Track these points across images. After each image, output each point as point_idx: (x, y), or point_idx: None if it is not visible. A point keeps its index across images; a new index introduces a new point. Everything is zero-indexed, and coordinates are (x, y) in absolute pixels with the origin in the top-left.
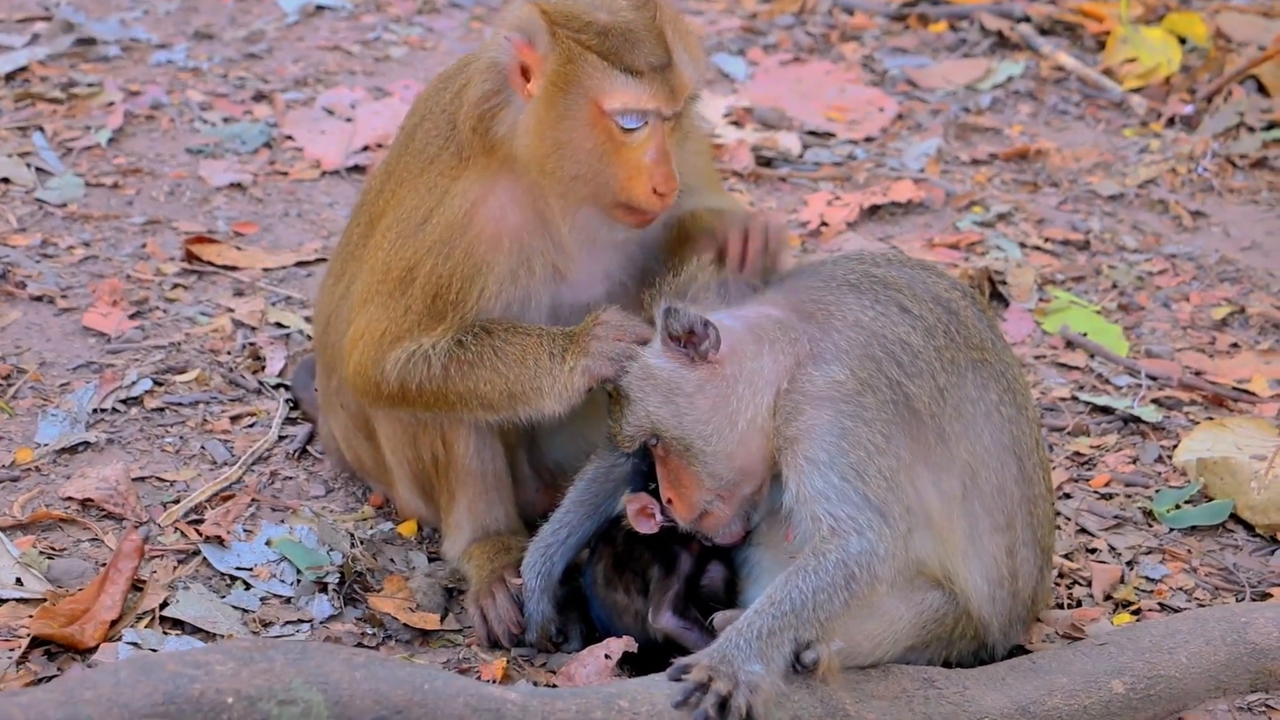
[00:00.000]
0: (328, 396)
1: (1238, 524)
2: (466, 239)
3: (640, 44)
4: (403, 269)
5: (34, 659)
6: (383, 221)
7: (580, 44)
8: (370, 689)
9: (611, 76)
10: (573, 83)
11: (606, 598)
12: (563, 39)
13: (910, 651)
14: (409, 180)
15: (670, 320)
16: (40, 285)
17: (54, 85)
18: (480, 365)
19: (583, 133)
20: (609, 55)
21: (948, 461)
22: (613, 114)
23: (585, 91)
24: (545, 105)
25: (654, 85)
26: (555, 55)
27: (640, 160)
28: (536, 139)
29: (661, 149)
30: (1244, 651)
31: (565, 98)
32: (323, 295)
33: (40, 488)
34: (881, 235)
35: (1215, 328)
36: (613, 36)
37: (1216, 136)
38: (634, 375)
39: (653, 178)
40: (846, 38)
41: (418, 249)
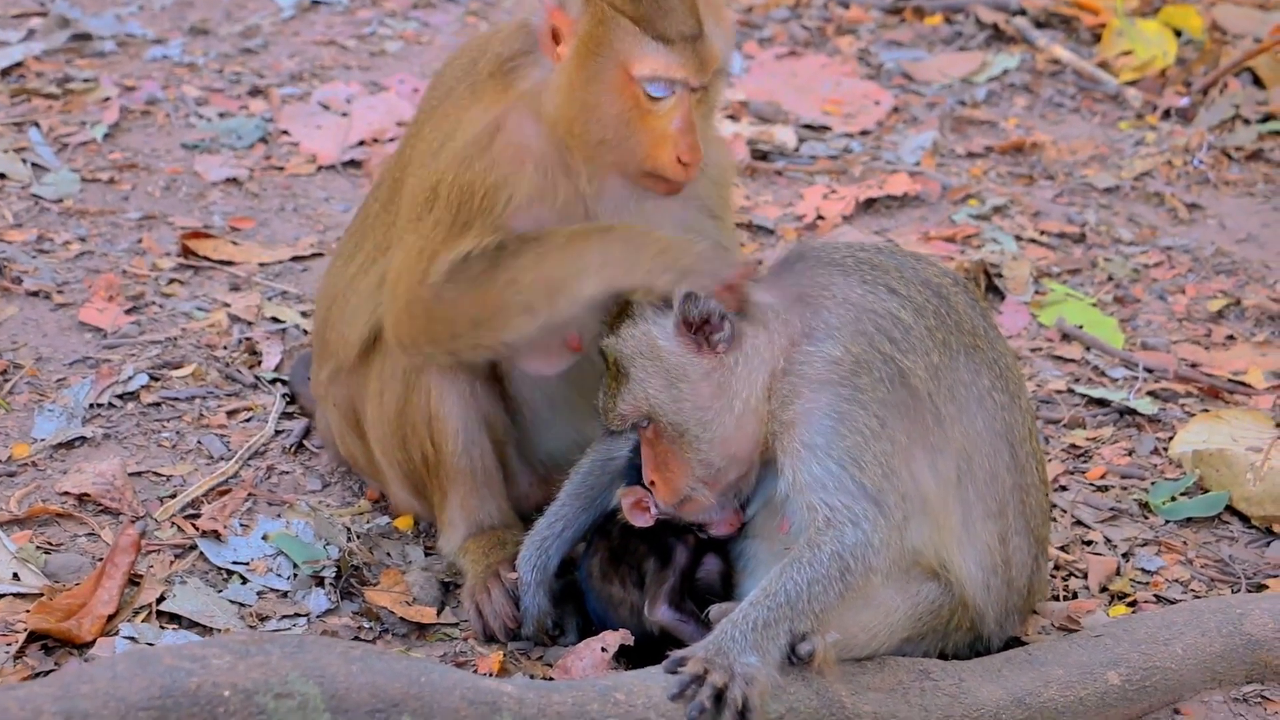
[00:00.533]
0: (320, 389)
1: (1233, 516)
2: (487, 155)
3: (672, 12)
4: (427, 190)
5: (31, 654)
6: (410, 168)
7: (613, 6)
8: (367, 682)
9: (642, 42)
10: (603, 46)
11: (602, 591)
12: (595, 2)
13: (906, 643)
14: (427, 119)
15: (688, 305)
16: (36, 280)
17: (49, 81)
18: (523, 253)
19: (610, 97)
20: (641, 20)
21: (944, 443)
22: (641, 80)
23: (615, 55)
24: (575, 67)
25: (684, 55)
26: (587, 17)
27: (666, 128)
28: (565, 99)
29: (687, 119)
30: (1239, 643)
31: (595, 60)
32: (329, 278)
33: (37, 483)
34: (877, 228)
35: (1211, 320)
36: (645, 2)
37: (1212, 129)
38: (639, 352)
39: (677, 146)
40: (842, 31)
41: (438, 168)
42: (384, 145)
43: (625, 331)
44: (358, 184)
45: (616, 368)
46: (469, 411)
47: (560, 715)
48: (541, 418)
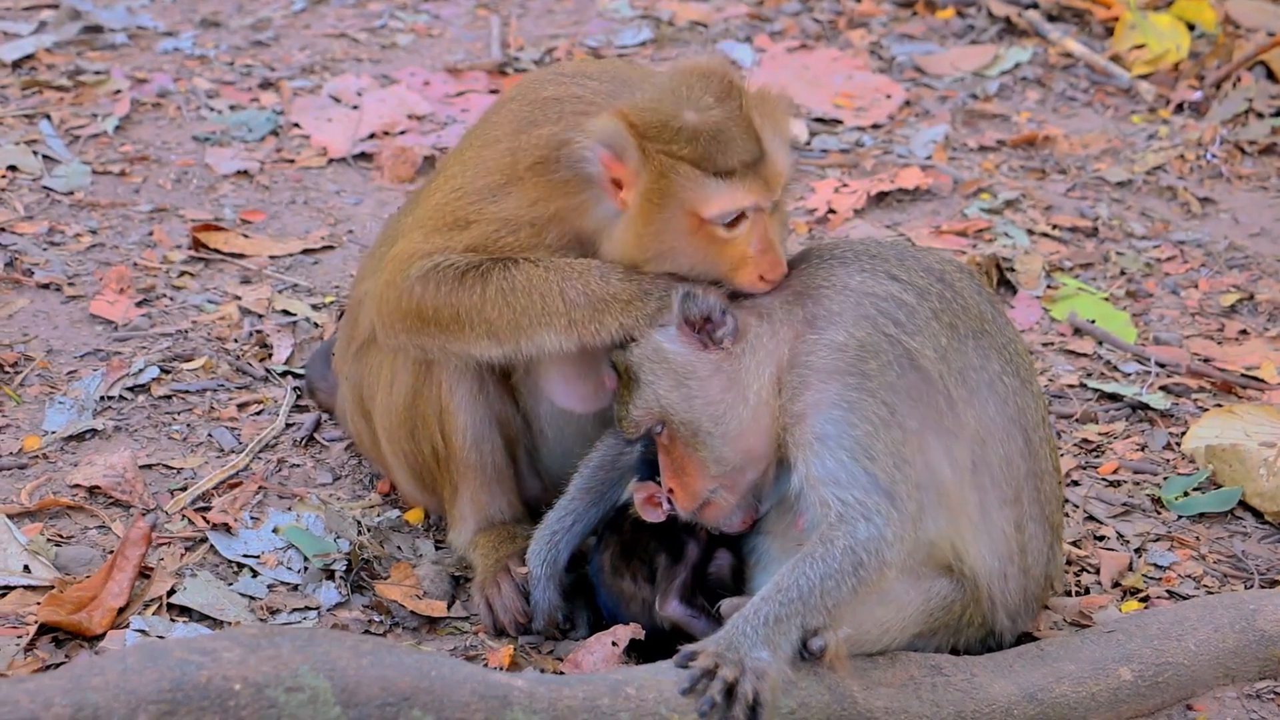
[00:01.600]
0: (341, 362)
1: (1246, 511)
2: (537, 232)
3: (731, 143)
4: (459, 217)
5: (41, 646)
6: (447, 172)
7: (671, 155)
8: (377, 676)
9: (706, 184)
10: (668, 196)
11: (613, 586)
12: (653, 154)
13: (918, 639)
14: (475, 147)
15: (688, 304)
16: (47, 273)
17: (61, 73)
18: (490, 281)
19: (683, 240)
20: (701, 162)
21: (958, 428)
22: (712, 220)
23: (681, 203)
24: (642, 220)
25: (749, 182)
26: (648, 171)
27: (745, 252)
28: (637, 250)
29: (765, 238)
30: (1253, 639)
31: (662, 211)
32: (371, 258)
33: (48, 475)
34: (889, 222)
35: (1224, 314)
36: (703, 141)
37: (1225, 123)
38: (646, 358)
39: (759, 267)
40: (853, 24)
41: (481, 211)
42: (394, 138)
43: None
44: (368, 176)
45: (627, 376)
46: (480, 407)
47: (571, 709)
48: (551, 424)
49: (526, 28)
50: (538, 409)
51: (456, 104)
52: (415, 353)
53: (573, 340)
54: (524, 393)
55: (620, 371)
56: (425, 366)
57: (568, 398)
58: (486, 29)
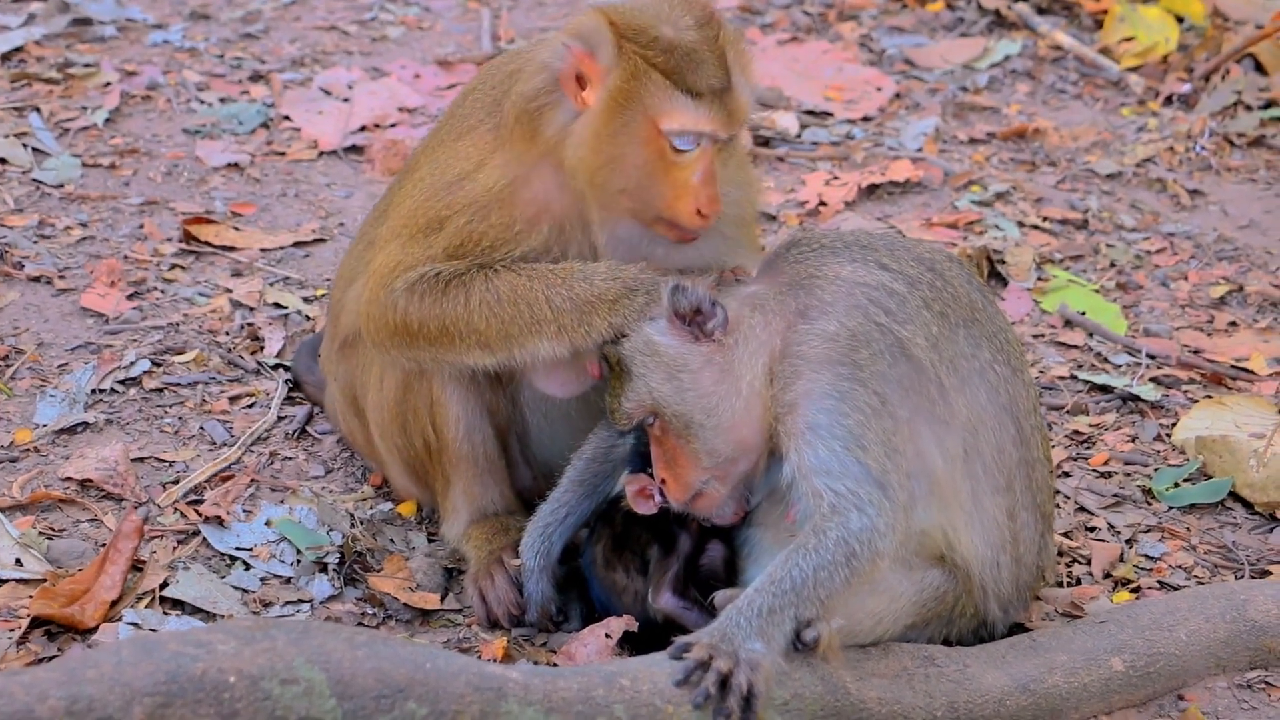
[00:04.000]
0: (327, 362)
1: (1236, 502)
2: (506, 210)
3: (703, 65)
4: (431, 217)
5: (34, 639)
6: (416, 174)
7: (645, 59)
8: (372, 668)
9: (672, 96)
10: (633, 99)
11: (606, 578)
12: (629, 53)
13: (911, 629)
14: (447, 143)
15: (677, 297)
16: (38, 266)
17: (50, 65)
18: (473, 292)
19: (636, 148)
20: (672, 74)
21: (949, 416)
22: (669, 134)
23: (645, 109)
24: (603, 119)
25: (712, 108)
26: (619, 69)
27: (688, 180)
28: (590, 151)
29: (709, 171)
30: (1243, 629)
31: (624, 113)
32: (349, 258)
33: (39, 468)
34: (880, 215)
35: (1213, 306)
36: (677, 55)
37: (1214, 115)
38: (637, 350)
39: (698, 198)
40: (844, 17)
41: (450, 204)
42: (385, 130)
43: None
44: (359, 169)
45: (619, 368)
46: (471, 398)
47: (566, 701)
48: (543, 415)
49: (517, 20)
50: (525, 397)
51: (447, 96)
52: (409, 365)
53: (564, 345)
54: (510, 383)
55: (612, 364)
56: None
57: (549, 383)
58: (477, 21)
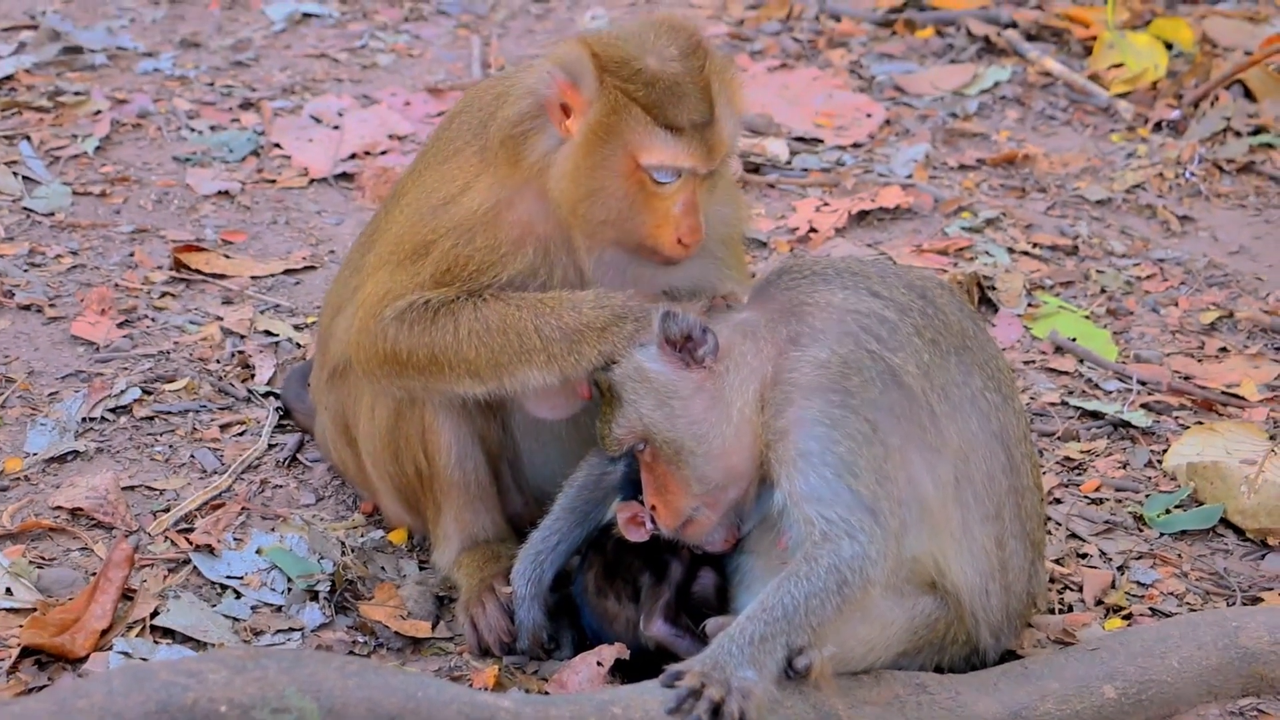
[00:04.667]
0: (319, 394)
1: (1228, 528)
2: (491, 232)
3: (684, 99)
4: (417, 243)
5: (24, 669)
6: (403, 200)
7: (626, 94)
8: (364, 697)
9: (652, 132)
10: (613, 133)
11: (597, 606)
12: (609, 87)
13: (902, 657)
14: (433, 166)
15: (668, 324)
16: (28, 294)
17: (40, 94)
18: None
19: (616, 182)
20: (652, 109)
21: (940, 444)
22: (648, 169)
23: (624, 143)
24: (584, 151)
25: (692, 144)
26: (600, 103)
27: (669, 211)
28: (571, 183)
29: (690, 202)
30: (1235, 656)
31: (604, 146)
32: (336, 285)
33: (29, 497)
34: (870, 241)
35: (1204, 332)
36: (658, 89)
37: (1203, 141)
38: (628, 377)
39: (679, 228)
40: (833, 44)
41: (436, 228)
42: (375, 158)
43: None
44: (349, 197)
45: (610, 394)
46: (462, 425)
47: None
48: (534, 438)
49: (507, 48)
50: (516, 421)
51: (438, 124)
52: (400, 394)
53: (554, 374)
54: (501, 409)
55: (603, 390)
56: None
57: (540, 407)
58: (467, 49)
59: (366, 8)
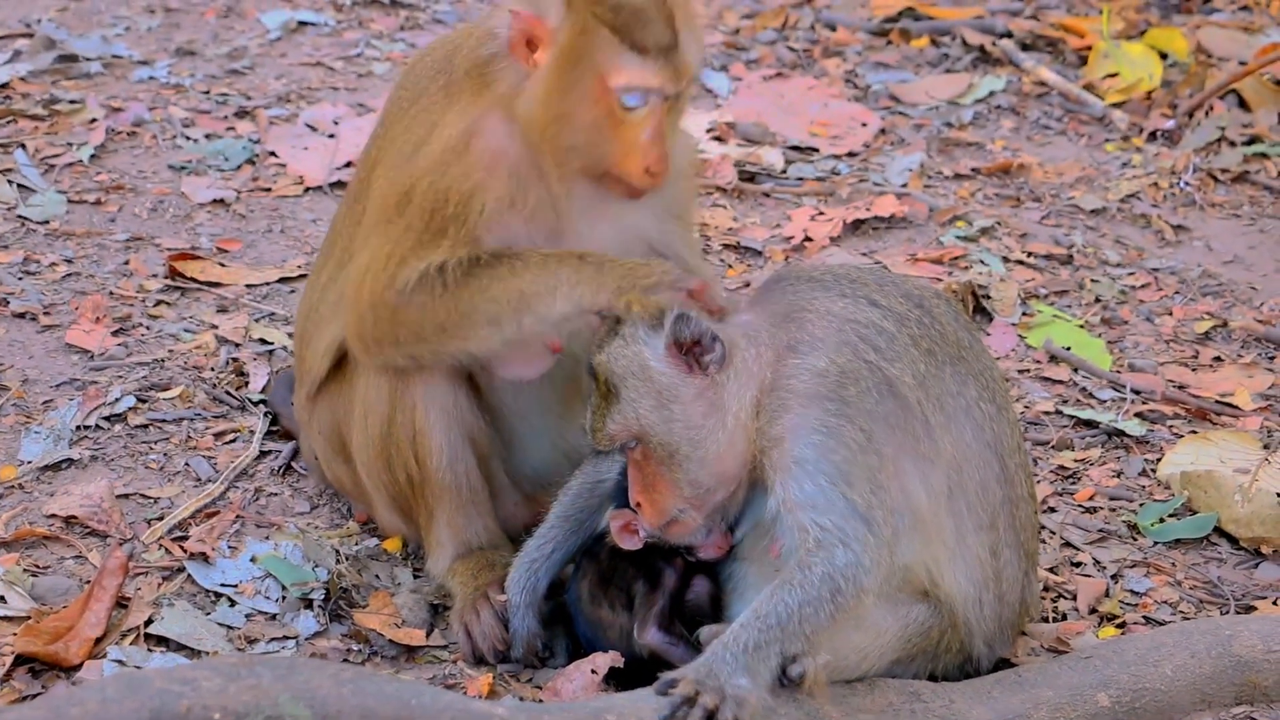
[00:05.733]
0: (302, 412)
1: (1222, 537)
2: (463, 161)
3: (650, 23)
4: (399, 194)
5: (18, 677)
6: (377, 169)
7: (594, 16)
8: (358, 705)
9: (620, 53)
10: (582, 55)
11: (591, 614)
12: (578, 9)
13: (896, 665)
14: (398, 120)
15: (680, 326)
16: (23, 302)
17: (35, 102)
18: (499, 265)
19: (586, 105)
20: (620, 30)
21: (934, 454)
22: (617, 90)
23: (593, 65)
24: (553, 75)
25: (659, 65)
26: (569, 26)
27: (636, 138)
28: (542, 108)
29: (658, 129)
30: (1229, 664)
31: (574, 69)
32: (305, 294)
33: (24, 505)
34: (865, 250)
35: (1198, 341)
36: (625, 12)
37: (1198, 151)
38: (629, 373)
39: (646, 156)
40: (829, 53)
41: (412, 173)
42: None
43: (616, 351)
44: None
45: (606, 387)
46: (452, 426)
47: None
48: (524, 431)
49: None
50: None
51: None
52: (404, 363)
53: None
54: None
55: (599, 381)
56: (398, 392)
57: (514, 367)
58: None
59: (362, 16)
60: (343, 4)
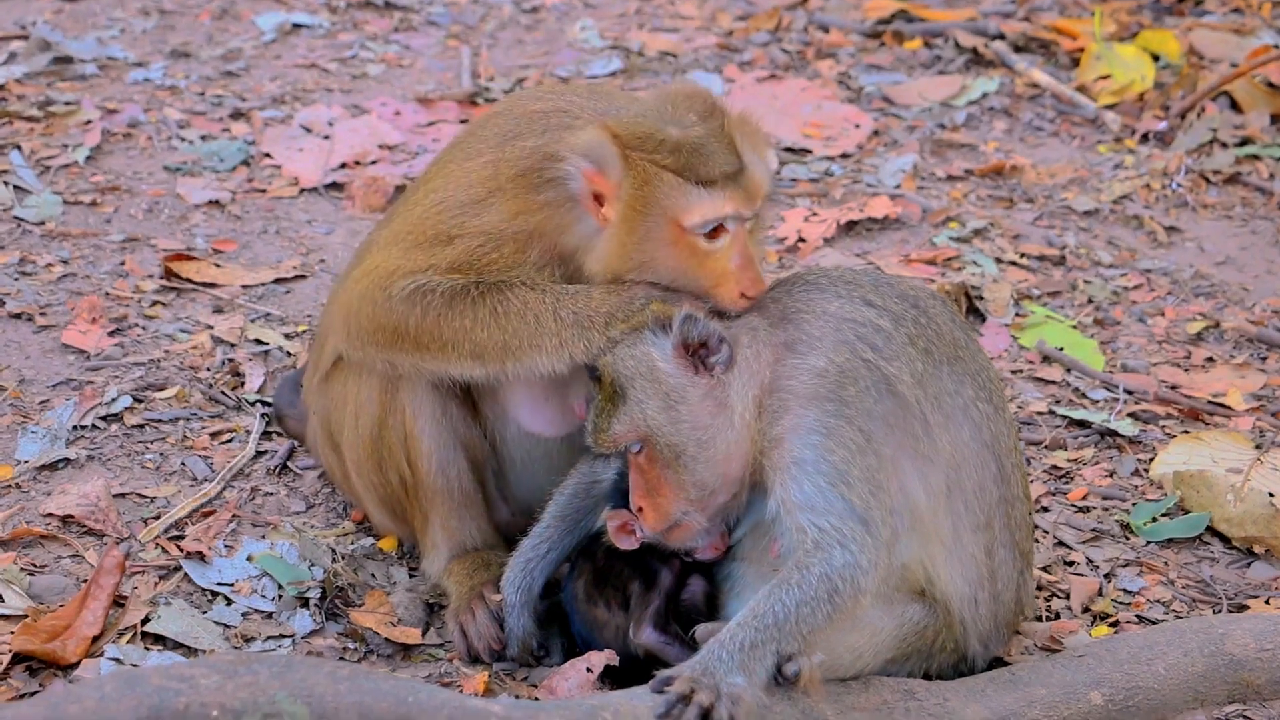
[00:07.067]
0: (310, 394)
1: (1214, 536)
2: (521, 247)
3: (713, 155)
4: (441, 231)
5: (15, 675)
6: (430, 184)
7: (655, 164)
8: (354, 702)
9: (688, 192)
10: (651, 204)
11: (587, 613)
12: (637, 162)
13: (891, 664)
14: (459, 160)
15: (688, 327)
16: (19, 303)
17: (31, 103)
18: (482, 305)
19: (666, 250)
20: (683, 171)
21: (933, 453)
22: (693, 229)
23: (664, 211)
24: (625, 230)
25: (729, 192)
26: (630, 180)
27: (725, 267)
28: (619, 261)
29: (745, 253)
30: (1221, 663)
31: (645, 220)
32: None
33: (21, 505)
34: (858, 251)
35: (1190, 342)
36: (685, 152)
37: (1190, 152)
38: (638, 374)
39: (739, 283)
40: (822, 55)
41: (464, 226)
42: (365, 168)
43: (623, 352)
44: (340, 206)
45: (612, 388)
46: (444, 432)
47: None
48: (523, 466)
49: (497, 58)
50: (504, 433)
51: (427, 134)
52: (383, 367)
53: (563, 359)
54: (490, 418)
55: (605, 382)
56: (389, 395)
57: (534, 421)
58: (457, 59)
59: (357, 18)
60: (337, 6)
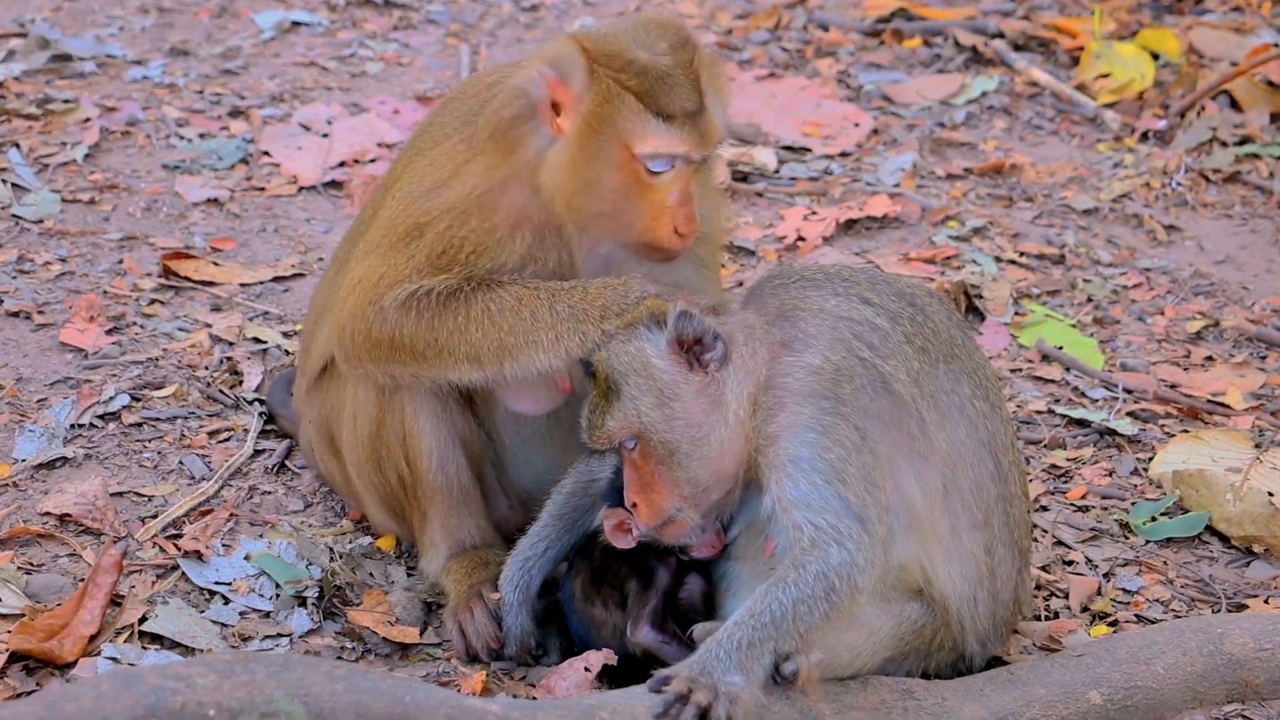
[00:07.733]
0: (300, 400)
1: (1213, 536)
2: (486, 215)
3: (676, 88)
4: (410, 225)
5: (12, 674)
6: (393, 187)
7: (619, 84)
8: (352, 701)
9: (645, 120)
10: (606, 122)
11: (585, 612)
12: (601, 78)
13: (889, 663)
14: (424, 151)
15: (683, 323)
16: (17, 301)
17: (29, 101)
18: (475, 304)
19: (611, 173)
20: (645, 97)
21: (929, 452)
22: (643, 157)
23: (618, 133)
24: (577, 144)
25: (685, 130)
26: (592, 94)
27: (664, 201)
28: (566, 176)
29: (685, 191)
30: (1220, 662)
31: (598, 138)
32: (322, 289)
33: (18, 503)
34: (858, 250)
35: (1190, 341)
36: (650, 78)
37: (1190, 151)
38: (631, 370)
39: (675, 218)
40: (821, 53)
41: (429, 210)
42: (364, 166)
43: (618, 347)
44: (338, 205)
45: (607, 384)
46: (442, 428)
47: None
48: (517, 449)
49: (496, 56)
50: (499, 422)
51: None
52: (383, 380)
53: (559, 355)
54: (483, 406)
55: (599, 379)
56: (387, 395)
57: (521, 401)
58: (456, 57)
59: (355, 16)
60: (336, 4)
